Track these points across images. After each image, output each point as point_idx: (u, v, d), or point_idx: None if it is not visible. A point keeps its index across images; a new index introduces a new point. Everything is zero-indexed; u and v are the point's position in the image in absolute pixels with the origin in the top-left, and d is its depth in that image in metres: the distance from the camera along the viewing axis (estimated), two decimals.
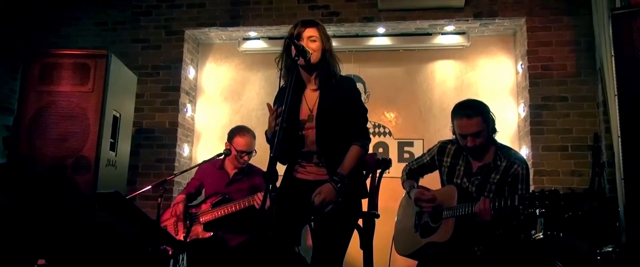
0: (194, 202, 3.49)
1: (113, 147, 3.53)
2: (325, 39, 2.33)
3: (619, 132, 2.69)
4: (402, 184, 2.92)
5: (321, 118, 2.27)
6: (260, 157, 3.30)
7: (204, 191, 3.57)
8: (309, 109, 2.31)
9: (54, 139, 3.34)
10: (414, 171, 2.92)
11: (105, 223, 3.18)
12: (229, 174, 3.47)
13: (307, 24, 2.33)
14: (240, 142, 3.41)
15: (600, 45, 3.74)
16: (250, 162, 3.52)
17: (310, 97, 2.34)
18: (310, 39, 2.29)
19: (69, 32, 4.68)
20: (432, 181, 2.91)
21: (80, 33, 4.67)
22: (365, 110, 2.38)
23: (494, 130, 2.71)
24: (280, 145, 1.98)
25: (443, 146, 2.81)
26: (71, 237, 3.15)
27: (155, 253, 3.03)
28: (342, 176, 2.17)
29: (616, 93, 2.69)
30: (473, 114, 2.59)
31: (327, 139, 2.25)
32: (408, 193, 2.82)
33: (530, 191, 2.45)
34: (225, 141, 3.53)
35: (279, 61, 2.34)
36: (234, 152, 3.40)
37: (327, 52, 2.31)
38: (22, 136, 3.37)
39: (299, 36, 2.30)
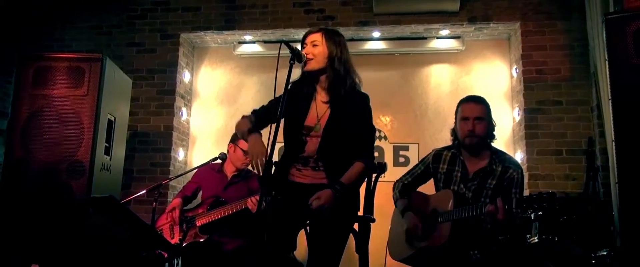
0: (191, 206, 3.48)
1: (108, 151, 3.51)
2: (334, 45, 2.29)
3: (613, 136, 2.70)
4: (395, 202, 2.89)
5: (328, 133, 2.25)
6: None
7: (201, 193, 3.56)
8: (317, 118, 2.30)
9: (48, 143, 3.32)
10: (407, 186, 2.87)
11: (100, 228, 3.16)
12: (227, 177, 3.46)
13: (312, 30, 2.33)
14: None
15: (594, 50, 3.76)
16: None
17: (321, 107, 2.32)
18: (312, 43, 2.29)
19: (64, 36, 4.67)
20: (426, 187, 2.91)
21: (74, 36, 4.66)
22: (374, 131, 2.37)
23: (492, 136, 2.73)
24: (273, 148, 1.98)
25: (438, 153, 2.82)
26: (65, 241, 3.13)
27: (149, 257, 3.01)
28: (343, 184, 2.16)
29: (610, 97, 2.70)
30: (479, 101, 2.70)
31: (330, 151, 2.24)
32: (401, 213, 2.81)
33: (528, 194, 2.45)
34: (222, 145, 3.51)
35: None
36: (239, 152, 3.39)
37: (335, 59, 2.28)
38: (16, 140, 3.35)
39: (303, 43, 2.31)
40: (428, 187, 2.89)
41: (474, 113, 2.65)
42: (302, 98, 2.32)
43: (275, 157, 2.26)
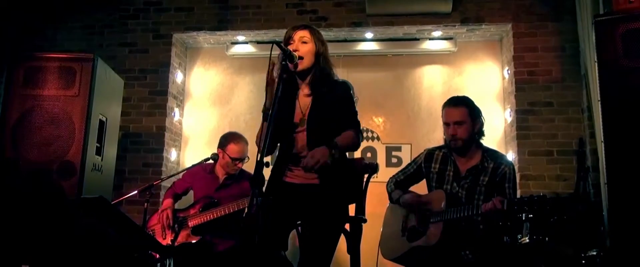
0: (182, 206, 3.47)
1: (99, 151, 3.49)
2: (320, 43, 2.33)
3: (602, 137, 2.72)
4: (390, 195, 2.91)
5: (313, 123, 2.27)
6: (251, 162, 3.29)
7: (192, 194, 3.55)
8: (302, 112, 2.31)
9: (39, 144, 3.29)
10: (400, 183, 2.91)
11: (91, 228, 3.14)
12: (219, 179, 3.45)
13: (298, 27, 2.34)
14: (234, 149, 3.38)
15: (584, 51, 3.79)
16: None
17: (304, 102, 2.34)
18: (301, 40, 2.29)
19: (55, 35, 4.64)
20: (418, 189, 2.92)
21: (66, 36, 4.63)
22: (356, 113, 2.38)
23: (481, 133, 2.75)
24: (266, 150, 1.98)
25: (430, 152, 2.84)
26: (55, 242, 3.11)
27: (141, 259, 3.00)
28: (337, 144, 2.17)
29: (599, 98, 2.72)
30: (459, 104, 2.74)
31: (317, 143, 2.25)
32: (398, 201, 2.82)
33: (519, 197, 2.47)
34: (216, 146, 3.49)
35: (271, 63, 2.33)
36: (227, 159, 3.38)
37: (320, 56, 2.32)
38: (6, 140, 3.32)
39: (289, 39, 2.30)
40: (421, 189, 2.91)
41: (453, 117, 2.70)
42: (287, 97, 2.33)
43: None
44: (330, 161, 2.12)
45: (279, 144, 2.39)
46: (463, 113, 2.70)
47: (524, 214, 2.67)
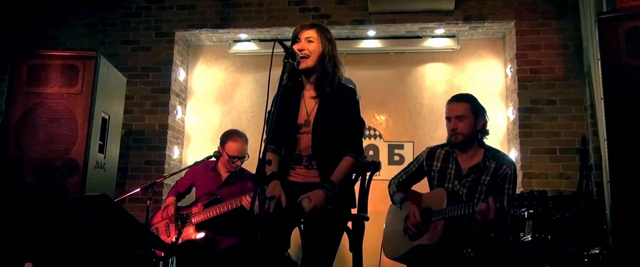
0: (185, 203, 3.48)
1: (102, 149, 3.50)
2: (327, 42, 2.31)
3: (605, 135, 2.72)
4: (392, 197, 2.91)
5: (318, 126, 2.26)
6: (253, 160, 3.29)
7: (195, 191, 3.55)
8: (307, 114, 2.31)
9: (42, 141, 3.30)
10: (402, 183, 2.90)
11: (94, 226, 3.15)
12: (221, 177, 3.46)
13: (306, 26, 2.33)
14: (232, 147, 3.39)
15: (587, 49, 3.78)
16: (242, 166, 3.51)
17: (309, 103, 2.33)
18: (307, 39, 2.29)
19: (58, 34, 4.65)
20: (420, 187, 2.92)
21: (69, 34, 4.64)
22: (363, 124, 2.38)
23: (485, 132, 2.74)
24: (267, 147, 1.98)
25: (432, 151, 2.84)
26: (59, 240, 3.12)
27: (143, 256, 3.01)
28: (333, 183, 2.17)
29: (602, 96, 2.71)
30: (461, 99, 2.76)
31: (322, 147, 2.25)
32: (399, 205, 2.82)
33: (518, 193, 2.47)
34: (218, 144, 3.51)
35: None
36: (225, 157, 3.38)
37: (326, 56, 2.30)
38: (9, 138, 3.34)
39: (296, 38, 2.30)
40: (422, 187, 2.90)
41: (455, 112, 2.71)
42: (292, 97, 2.33)
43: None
44: (328, 206, 2.13)
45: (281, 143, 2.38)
46: (465, 108, 2.71)
47: (525, 210, 2.67)
